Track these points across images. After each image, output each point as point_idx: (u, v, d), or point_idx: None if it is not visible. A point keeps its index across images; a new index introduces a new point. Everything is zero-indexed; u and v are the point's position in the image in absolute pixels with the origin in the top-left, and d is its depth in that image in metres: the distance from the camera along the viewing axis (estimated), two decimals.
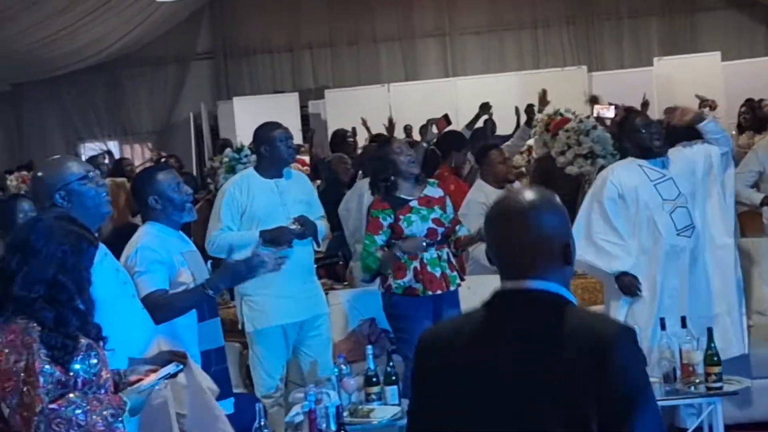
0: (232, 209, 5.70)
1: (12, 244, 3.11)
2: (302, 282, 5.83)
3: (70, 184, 3.81)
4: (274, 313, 5.73)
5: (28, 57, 16.43)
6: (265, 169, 5.84)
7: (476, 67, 18.51)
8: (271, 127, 5.90)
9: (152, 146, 19.04)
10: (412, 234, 5.66)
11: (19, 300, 2.99)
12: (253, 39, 19.30)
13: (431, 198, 5.82)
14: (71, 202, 3.81)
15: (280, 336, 5.78)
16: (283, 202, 5.77)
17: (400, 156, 5.74)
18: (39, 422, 2.85)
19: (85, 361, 3.02)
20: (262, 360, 5.79)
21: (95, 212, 3.89)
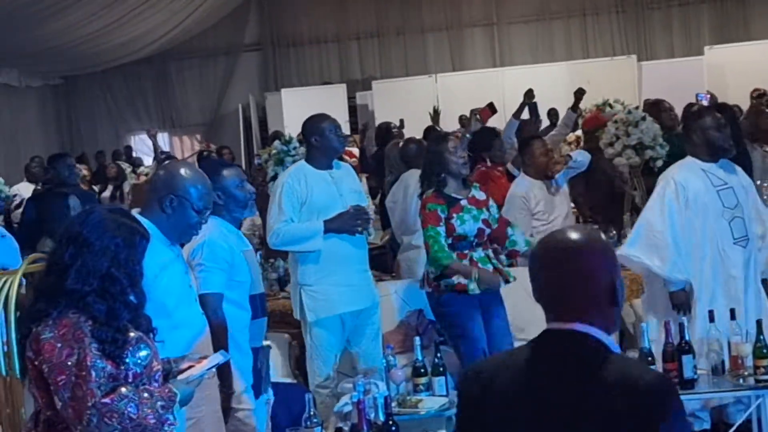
0: (292, 200, 5.70)
1: (65, 237, 3.12)
2: (360, 271, 5.86)
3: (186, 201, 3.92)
4: (336, 302, 5.73)
5: (79, 50, 16.62)
6: (316, 160, 5.85)
7: (524, 56, 18.42)
8: (320, 118, 5.91)
9: (201, 138, 19.20)
10: (464, 232, 5.64)
11: (72, 293, 3.01)
12: (301, 30, 19.36)
13: (478, 199, 5.82)
14: (173, 211, 3.92)
15: (339, 325, 5.80)
16: (340, 192, 5.79)
17: (453, 156, 5.73)
18: (91, 416, 2.87)
19: (136, 354, 3.05)
20: (320, 349, 5.78)
21: (181, 234, 4.02)
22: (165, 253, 3.89)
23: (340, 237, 5.70)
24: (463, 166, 5.77)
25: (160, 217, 3.91)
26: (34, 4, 13.07)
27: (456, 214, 5.65)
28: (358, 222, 5.71)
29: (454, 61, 18.83)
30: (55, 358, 2.92)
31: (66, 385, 2.89)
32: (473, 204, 5.74)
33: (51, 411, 2.99)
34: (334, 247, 5.69)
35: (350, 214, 5.69)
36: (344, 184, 5.85)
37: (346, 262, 5.74)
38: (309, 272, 5.74)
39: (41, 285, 3.11)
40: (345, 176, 5.92)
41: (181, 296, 3.91)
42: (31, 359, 2.98)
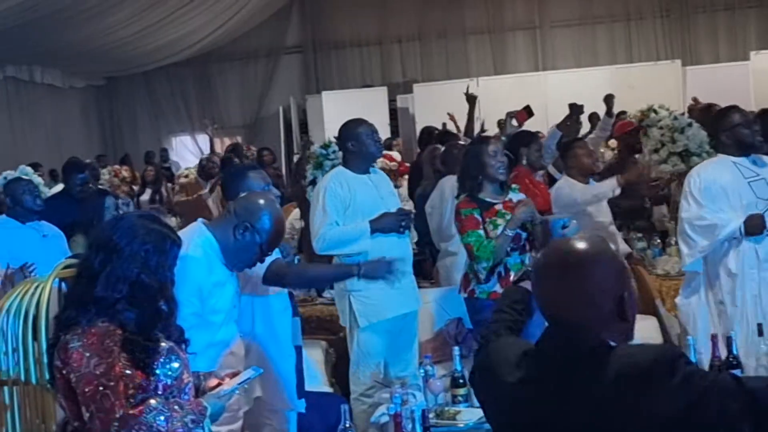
0: (336, 204, 5.65)
1: (95, 243, 3.07)
2: (407, 273, 5.80)
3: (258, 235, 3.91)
4: (385, 306, 5.66)
5: (122, 51, 16.70)
6: (353, 165, 5.78)
7: (567, 60, 18.28)
8: (356, 123, 5.85)
9: (241, 140, 19.22)
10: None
11: (102, 300, 2.94)
12: (342, 33, 19.34)
13: (514, 204, 5.70)
14: (243, 240, 3.91)
15: (387, 330, 5.73)
16: (381, 195, 5.74)
17: (492, 159, 5.63)
18: (119, 428, 2.81)
19: (166, 365, 2.98)
20: (368, 357, 5.70)
21: (239, 263, 3.99)
22: (222, 270, 3.88)
23: (386, 241, 5.63)
24: (501, 171, 5.66)
25: (227, 239, 3.91)
26: (77, 5, 13.14)
27: (489, 219, 5.56)
28: (403, 221, 5.65)
29: (496, 65, 18.71)
30: (83, 367, 2.85)
31: (93, 396, 2.82)
32: (508, 209, 5.62)
33: (78, 422, 2.91)
34: (382, 249, 5.62)
35: (395, 214, 5.64)
36: (383, 188, 5.79)
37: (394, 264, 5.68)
38: None
39: (71, 292, 3.05)
40: (381, 180, 5.87)
41: (228, 315, 3.88)
42: (59, 368, 2.91)
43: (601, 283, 2.28)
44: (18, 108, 16.71)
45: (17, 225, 5.93)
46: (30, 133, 16.95)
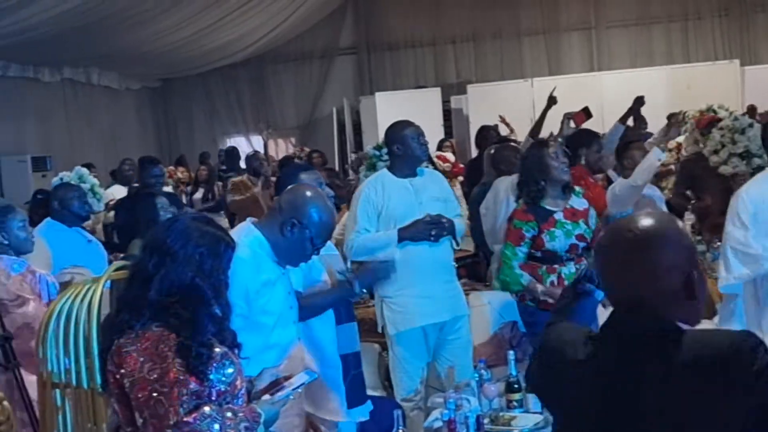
0: (368, 210, 5.60)
1: (149, 246, 3.03)
2: (442, 282, 5.69)
3: (306, 231, 3.86)
4: (415, 315, 5.61)
5: (177, 53, 16.81)
6: (398, 168, 5.72)
7: (623, 61, 18.07)
8: (402, 126, 5.78)
9: (295, 141, 19.27)
10: (553, 249, 5.43)
11: (156, 305, 2.90)
12: (396, 34, 19.30)
13: (576, 210, 5.56)
14: (292, 237, 3.86)
15: (421, 338, 5.66)
16: (419, 201, 5.64)
17: (554, 161, 5.49)
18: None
19: (220, 371, 2.92)
20: (403, 362, 5.67)
21: (291, 259, 3.94)
22: (272, 269, 3.82)
23: (418, 246, 5.55)
24: (564, 172, 5.53)
25: (276, 236, 3.86)
26: (134, 8, 13.23)
27: (546, 230, 5.44)
28: (433, 230, 5.54)
29: (551, 65, 18.55)
30: (137, 372, 2.81)
31: (147, 402, 2.78)
32: (568, 218, 5.49)
33: (132, 427, 2.87)
34: (413, 257, 5.55)
35: (424, 222, 5.53)
36: (425, 192, 5.68)
37: (426, 272, 5.59)
38: (388, 283, 5.61)
39: (125, 295, 3.00)
40: (428, 184, 5.75)
41: (281, 316, 3.81)
42: (113, 372, 2.87)
43: (669, 258, 2.20)
44: (75, 109, 16.90)
45: (63, 228, 5.97)
46: (87, 134, 17.14)
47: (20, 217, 4.99)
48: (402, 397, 5.66)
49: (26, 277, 4.79)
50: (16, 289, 4.71)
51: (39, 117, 15.89)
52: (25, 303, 4.68)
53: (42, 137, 15.85)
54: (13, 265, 4.83)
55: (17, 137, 15.04)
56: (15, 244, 4.91)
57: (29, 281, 4.79)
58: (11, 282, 4.73)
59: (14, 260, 4.88)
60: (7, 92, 14.79)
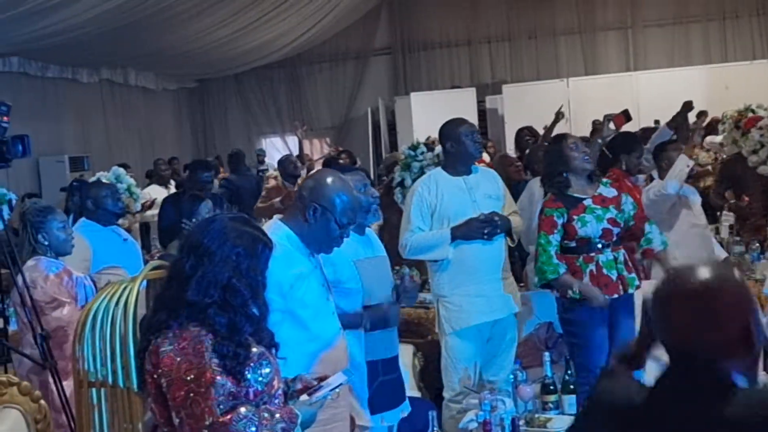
0: (422, 209, 5.59)
1: (186, 246, 3.01)
2: (496, 280, 5.67)
3: (330, 213, 3.85)
4: (470, 313, 5.59)
5: (213, 54, 16.89)
6: (451, 166, 5.70)
7: (659, 60, 17.94)
8: (456, 123, 5.75)
9: (330, 141, 19.30)
10: (586, 235, 5.41)
11: (193, 305, 2.89)
12: (431, 34, 19.29)
13: (605, 197, 5.55)
14: (315, 221, 3.85)
15: (477, 336, 5.65)
16: (473, 199, 5.61)
17: (574, 152, 5.50)
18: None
19: (257, 371, 2.92)
20: (457, 362, 5.65)
21: (321, 246, 3.93)
22: (303, 263, 3.80)
23: (470, 245, 5.54)
24: (585, 161, 5.52)
25: (302, 226, 3.84)
26: (170, 9, 13.31)
27: (577, 216, 5.42)
28: (486, 229, 5.52)
29: (587, 65, 18.47)
30: (174, 372, 2.81)
31: (184, 402, 2.78)
32: (598, 203, 5.48)
33: (169, 427, 2.88)
34: (465, 255, 5.54)
35: (478, 221, 5.51)
36: (479, 190, 5.66)
37: (478, 270, 5.58)
38: (443, 282, 5.62)
39: (162, 296, 3.00)
40: (482, 181, 5.73)
41: (319, 308, 3.80)
42: (150, 372, 2.88)
43: (728, 310, 2.19)
44: (112, 110, 17.05)
45: (98, 228, 5.98)
46: (124, 133, 17.29)
47: (60, 218, 5.01)
48: (451, 397, 5.64)
49: (63, 279, 4.81)
50: (53, 292, 4.73)
51: (77, 117, 16.04)
52: (60, 306, 4.70)
53: (80, 137, 15.99)
54: (51, 267, 4.86)
55: (56, 137, 15.18)
56: (54, 245, 4.93)
57: (66, 284, 4.81)
58: (48, 284, 4.75)
59: (52, 262, 4.90)
60: (46, 93, 14.94)
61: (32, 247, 4.90)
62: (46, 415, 3.42)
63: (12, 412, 3.36)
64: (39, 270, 4.81)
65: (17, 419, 3.36)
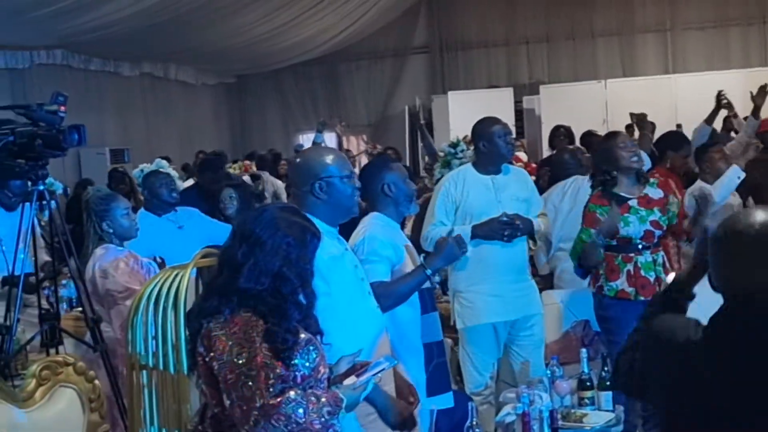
0: (446, 204, 5.67)
1: (238, 235, 3.09)
2: (514, 281, 5.73)
3: (332, 178, 3.86)
4: (484, 311, 5.66)
5: (252, 50, 17.04)
6: (482, 164, 5.76)
7: (698, 63, 17.86)
8: (489, 123, 5.81)
9: (367, 138, 19.40)
10: (627, 235, 5.47)
11: (244, 292, 2.99)
12: (469, 33, 19.33)
13: (651, 198, 5.60)
14: (328, 194, 3.84)
15: (491, 334, 5.71)
16: (498, 199, 5.67)
17: (623, 151, 5.54)
18: (258, 417, 2.83)
19: (305, 356, 3.00)
20: (472, 357, 5.74)
21: (346, 211, 3.94)
22: (333, 245, 3.86)
23: (491, 244, 5.60)
24: (634, 160, 5.56)
25: (318, 207, 3.83)
26: (211, 5, 13.47)
27: (621, 216, 5.47)
28: (506, 230, 5.58)
29: (625, 67, 18.43)
30: (225, 355, 2.89)
31: (235, 384, 2.86)
32: (643, 204, 5.53)
33: (219, 407, 2.98)
34: (484, 254, 5.60)
35: (499, 221, 5.57)
36: (507, 191, 5.72)
37: (496, 270, 5.64)
38: (460, 278, 5.70)
39: (214, 282, 3.10)
40: (511, 182, 5.79)
41: (354, 290, 3.87)
42: (202, 355, 2.97)
43: None
44: (153, 103, 17.25)
45: (154, 218, 6.07)
46: (164, 127, 17.48)
47: (123, 204, 5.07)
48: (471, 391, 5.72)
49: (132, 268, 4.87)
50: (124, 281, 4.79)
51: (118, 110, 16.24)
52: (132, 294, 4.76)
53: (120, 130, 16.20)
54: (120, 255, 4.92)
55: (97, 130, 15.37)
56: (119, 232, 4.98)
57: (136, 271, 4.88)
58: (119, 273, 4.82)
59: (120, 250, 4.97)
60: (88, 86, 15.14)
61: (98, 235, 4.96)
62: (99, 395, 3.53)
63: (67, 391, 3.47)
64: (108, 259, 4.88)
65: (72, 398, 3.48)
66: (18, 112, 4.47)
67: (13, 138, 4.33)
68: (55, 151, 4.45)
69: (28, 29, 12.45)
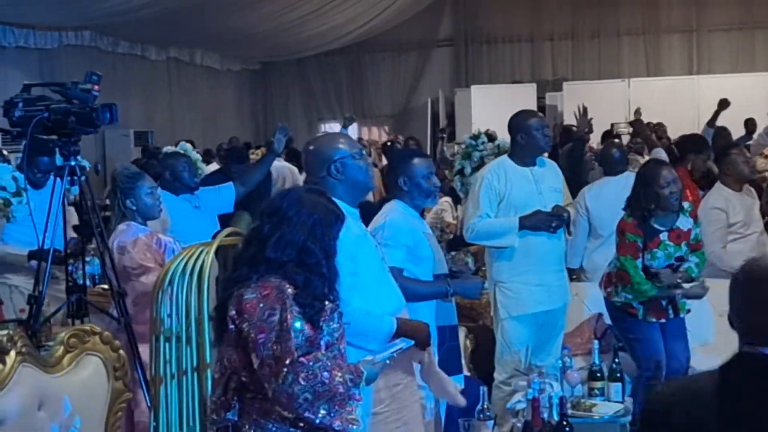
0: (490, 196, 5.71)
1: (266, 211, 3.22)
2: (555, 271, 5.81)
3: (345, 158, 3.98)
4: (529, 301, 5.72)
5: (278, 37, 17.14)
6: (519, 157, 5.80)
7: (723, 65, 17.88)
8: (527, 115, 5.86)
9: (389, 129, 19.49)
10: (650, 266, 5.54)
11: (271, 261, 3.10)
12: (494, 28, 19.38)
13: (681, 232, 5.62)
14: (344, 174, 3.97)
15: (533, 323, 5.79)
16: (539, 191, 5.73)
17: (665, 190, 5.57)
18: (287, 373, 2.93)
19: (330, 324, 3.12)
20: (511, 346, 5.80)
21: (363, 187, 4.08)
22: (356, 226, 3.97)
23: (536, 235, 5.66)
24: (676, 201, 5.57)
25: (338, 188, 3.94)
26: None
27: (649, 250, 5.54)
28: (554, 221, 5.66)
29: (649, 66, 18.45)
30: (256, 317, 3.01)
31: (265, 343, 2.98)
32: (673, 240, 5.57)
33: (245, 372, 3.08)
34: (529, 245, 5.67)
35: (547, 213, 5.64)
36: (545, 182, 5.78)
37: (541, 261, 5.71)
38: (503, 269, 5.74)
39: (242, 255, 3.21)
40: (547, 174, 5.85)
41: (378, 269, 3.98)
42: (233, 318, 3.07)
43: None
44: (178, 88, 17.39)
45: (171, 197, 6.14)
46: (188, 111, 17.61)
47: (149, 183, 5.14)
48: (502, 380, 5.79)
49: (150, 247, 4.97)
50: (139, 258, 4.88)
51: (143, 93, 16.38)
52: (146, 272, 4.85)
53: (145, 113, 16.34)
54: (138, 233, 5.01)
55: (122, 111, 15.28)
56: (143, 210, 5.06)
57: (153, 250, 4.97)
58: (135, 250, 4.91)
59: (141, 229, 5.06)
60: (115, 68, 15.27)
61: (122, 212, 5.06)
62: (124, 364, 3.63)
63: (93, 359, 3.56)
64: (128, 236, 4.97)
65: (98, 366, 3.56)
66: (53, 89, 4.59)
67: (47, 114, 4.44)
68: (88, 128, 4.57)
69: (58, 10, 12.60)
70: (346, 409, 3.07)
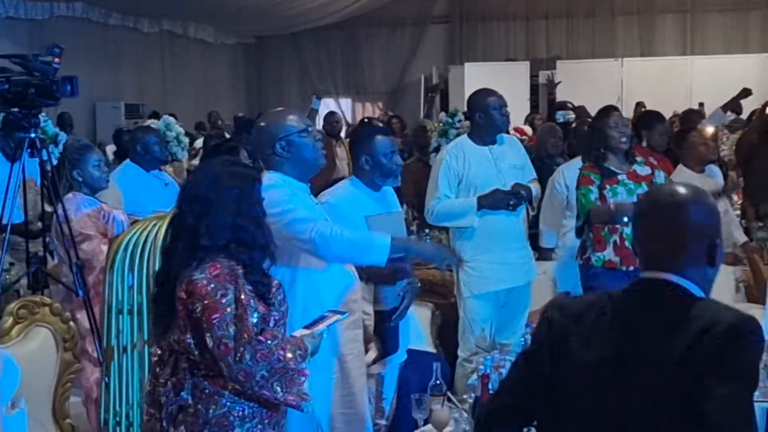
0: (449, 177, 5.73)
1: (185, 198, 3.18)
2: (516, 249, 5.84)
3: (291, 135, 3.98)
4: (490, 279, 5.75)
5: (273, 11, 17.09)
6: (478, 135, 5.82)
7: (716, 46, 17.84)
8: (485, 94, 5.87)
9: (383, 105, 19.48)
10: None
11: (208, 248, 3.08)
12: (489, 6, 19.34)
13: (639, 174, 5.71)
14: (290, 152, 3.98)
15: (494, 301, 5.82)
16: (499, 169, 5.75)
17: (613, 131, 5.66)
18: (245, 352, 2.95)
19: (276, 298, 3.16)
20: (474, 324, 5.83)
21: (312, 164, 4.08)
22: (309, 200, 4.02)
23: (495, 214, 5.70)
24: (623, 141, 5.67)
25: (286, 165, 3.99)
26: None
27: (609, 186, 5.59)
28: (512, 199, 5.69)
29: (643, 46, 18.42)
30: (208, 297, 3.00)
31: (221, 323, 2.98)
32: (632, 178, 5.64)
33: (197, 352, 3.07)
34: (490, 224, 5.70)
35: (504, 192, 5.67)
36: (505, 160, 5.81)
37: (502, 239, 5.74)
38: (465, 248, 5.77)
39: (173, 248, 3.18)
40: (507, 151, 5.87)
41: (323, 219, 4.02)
42: (184, 300, 3.06)
43: (700, 227, 2.39)
44: (170, 61, 17.37)
45: (141, 172, 6.17)
46: (180, 85, 17.59)
47: (96, 156, 5.19)
48: (465, 357, 5.83)
49: (92, 216, 5.01)
50: (80, 227, 4.94)
51: (135, 66, 16.37)
52: (86, 239, 4.92)
53: (137, 85, 16.34)
54: (83, 204, 5.06)
55: (113, 84, 15.51)
56: (89, 182, 5.12)
57: (95, 220, 5.01)
58: (77, 219, 4.96)
59: (86, 199, 5.11)
60: (106, 40, 15.27)
61: (69, 182, 5.12)
62: (74, 336, 3.68)
63: (42, 330, 3.62)
64: (71, 205, 5.02)
65: (47, 337, 3.62)
66: (14, 61, 4.62)
67: (7, 86, 4.48)
68: (48, 101, 4.60)
69: None
70: (297, 384, 3.11)
